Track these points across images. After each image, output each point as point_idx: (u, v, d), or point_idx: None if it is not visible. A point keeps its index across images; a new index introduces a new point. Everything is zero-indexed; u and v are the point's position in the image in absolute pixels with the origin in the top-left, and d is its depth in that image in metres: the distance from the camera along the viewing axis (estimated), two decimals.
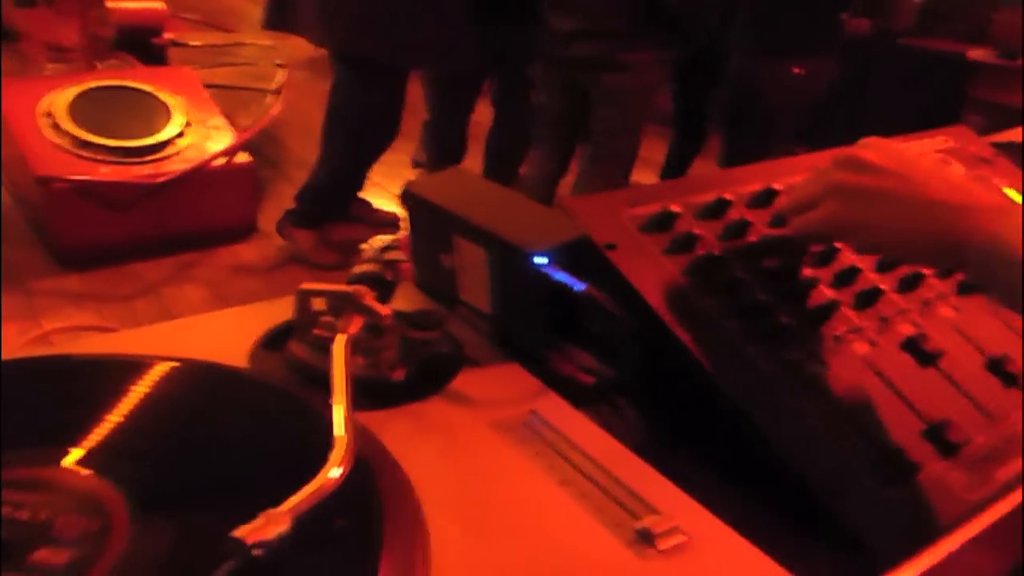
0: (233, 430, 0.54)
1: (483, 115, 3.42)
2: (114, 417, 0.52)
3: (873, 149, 0.65)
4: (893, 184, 0.62)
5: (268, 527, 0.41)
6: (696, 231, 0.68)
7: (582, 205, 0.65)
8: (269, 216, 3.22)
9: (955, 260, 0.61)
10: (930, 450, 0.65)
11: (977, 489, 0.65)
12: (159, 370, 0.57)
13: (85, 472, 0.48)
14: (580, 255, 0.61)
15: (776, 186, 0.75)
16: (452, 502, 0.51)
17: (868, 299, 0.73)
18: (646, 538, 0.50)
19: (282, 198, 3.29)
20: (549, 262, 0.58)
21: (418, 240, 0.70)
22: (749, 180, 0.76)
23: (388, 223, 3.30)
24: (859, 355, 0.68)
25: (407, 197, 0.67)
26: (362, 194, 3.47)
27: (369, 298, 0.58)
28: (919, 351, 0.71)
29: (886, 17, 4.15)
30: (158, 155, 3.13)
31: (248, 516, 0.41)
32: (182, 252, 3.15)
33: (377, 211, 3.44)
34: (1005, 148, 1.12)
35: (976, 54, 4.46)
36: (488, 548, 0.49)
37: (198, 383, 0.57)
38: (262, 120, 3.53)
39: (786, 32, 2.75)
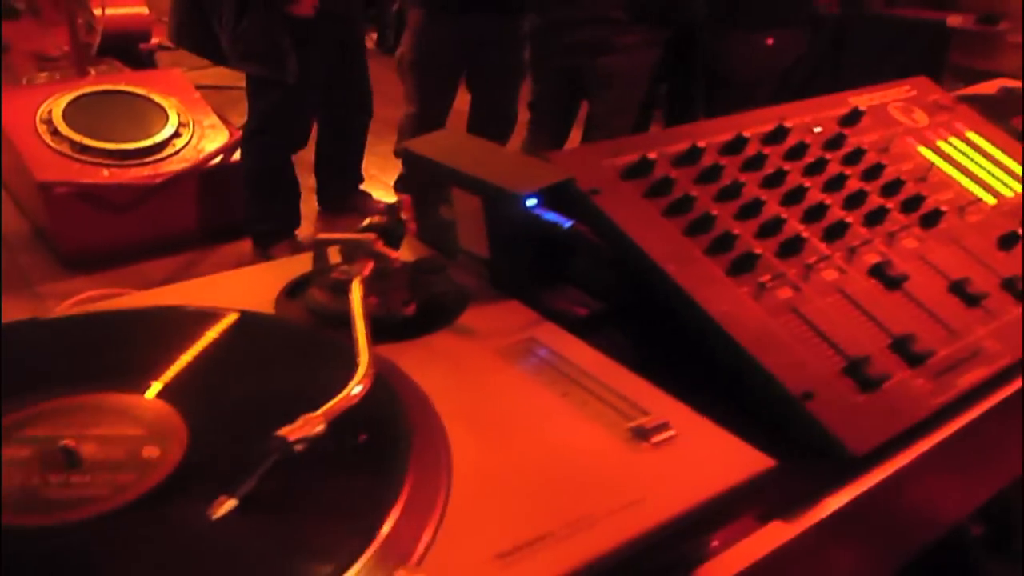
0: (270, 368, 0.61)
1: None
2: (185, 357, 0.59)
3: None
4: None
5: (306, 427, 0.48)
6: (672, 175, 0.74)
7: (567, 157, 0.72)
8: None
9: None
10: (897, 360, 0.71)
11: (941, 395, 0.70)
12: (211, 319, 0.64)
13: (158, 401, 0.54)
14: (563, 199, 0.67)
15: (746, 134, 0.82)
16: (466, 416, 0.57)
17: (836, 232, 0.79)
18: (640, 434, 0.56)
19: None
20: (539, 203, 0.64)
21: (419, 195, 0.77)
22: (720, 131, 0.82)
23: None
24: (829, 281, 0.75)
25: (406, 156, 0.73)
26: (363, 187, 3.58)
27: (379, 244, 0.65)
28: (885, 276, 0.77)
29: None
30: (156, 156, 3.20)
31: None
32: (185, 251, 3.20)
33: (377, 202, 3.54)
34: (967, 99, 1.18)
35: (955, 20, 4.51)
36: (501, 453, 0.54)
37: (240, 329, 0.64)
38: None
39: (753, 7, 2.90)
